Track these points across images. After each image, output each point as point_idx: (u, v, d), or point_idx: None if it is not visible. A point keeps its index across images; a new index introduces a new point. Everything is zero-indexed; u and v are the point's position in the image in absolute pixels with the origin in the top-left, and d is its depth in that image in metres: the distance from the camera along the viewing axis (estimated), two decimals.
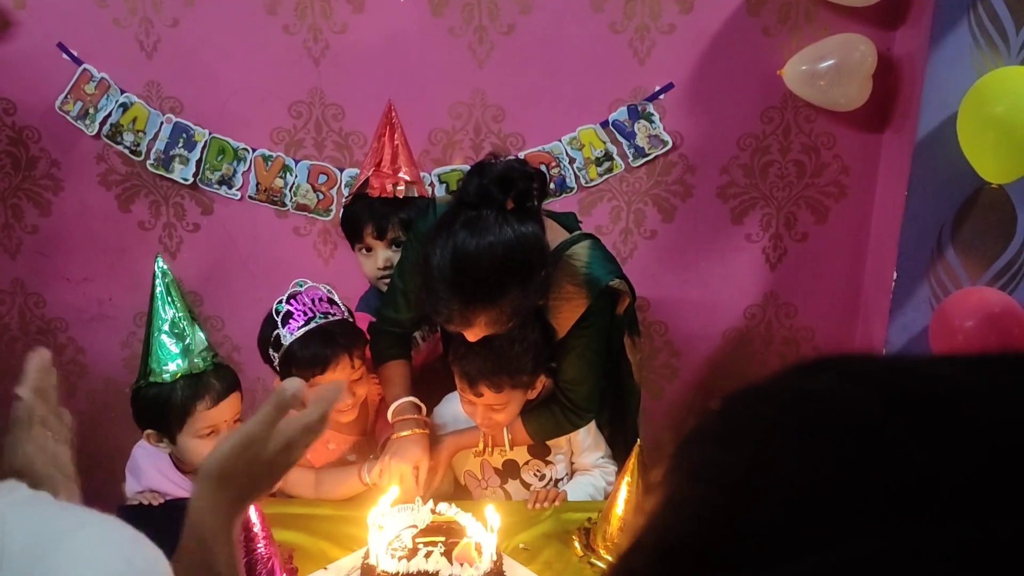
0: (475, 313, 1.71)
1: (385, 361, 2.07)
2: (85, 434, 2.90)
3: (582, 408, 1.97)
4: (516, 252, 1.68)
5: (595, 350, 1.93)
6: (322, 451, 2.08)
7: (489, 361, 1.84)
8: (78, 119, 2.55)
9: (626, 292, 1.90)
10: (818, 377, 0.40)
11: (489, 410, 1.91)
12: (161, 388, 1.83)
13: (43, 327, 2.80)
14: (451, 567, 1.65)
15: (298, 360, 1.91)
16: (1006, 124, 2.08)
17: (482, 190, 1.70)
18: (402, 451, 1.93)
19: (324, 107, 2.56)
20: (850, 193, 2.64)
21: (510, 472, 2.07)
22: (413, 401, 2.00)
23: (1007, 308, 2.19)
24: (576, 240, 1.90)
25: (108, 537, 0.80)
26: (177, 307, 1.82)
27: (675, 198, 2.65)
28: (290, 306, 1.94)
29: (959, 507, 0.31)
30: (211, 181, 2.60)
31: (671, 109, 2.56)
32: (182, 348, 1.82)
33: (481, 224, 1.67)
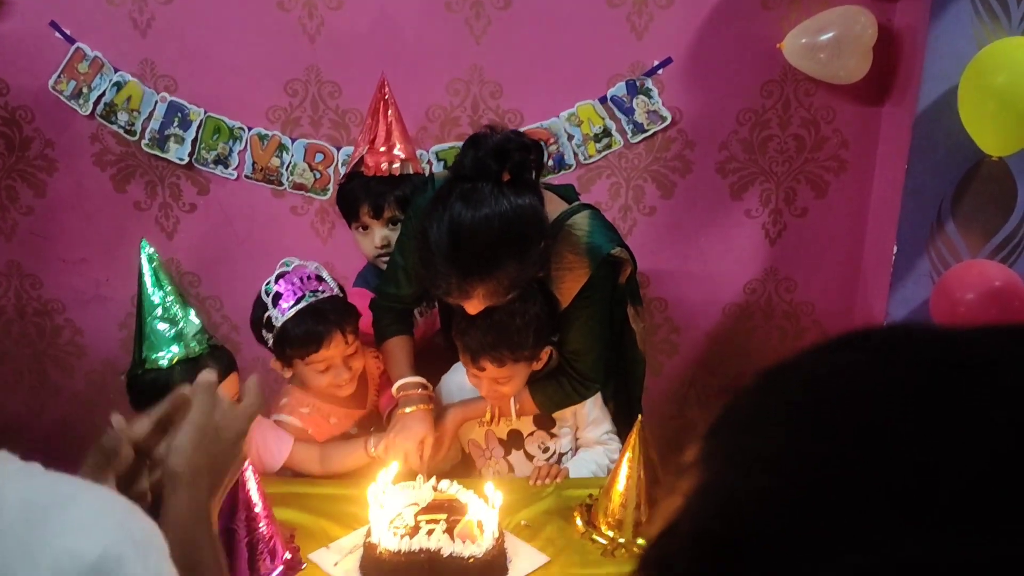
0: (473, 286, 1.71)
1: (388, 337, 2.07)
2: (84, 415, 2.92)
3: (588, 378, 1.97)
4: (513, 224, 1.68)
5: (598, 320, 1.93)
6: (324, 426, 2.09)
7: (490, 335, 1.84)
8: (72, 99, 2.53)
9: (628, 260, 1.90)
10: (848, 355, 0.39)
11: (494, 383, 1.92)
12: (159, 373, 1.82)
13: (40, 309, 2.79)
14: (453, 544, 1.65)
15: (291, 339, 1.92)
16: (1006, 96, 2.07)
17: (478, 163, 1.69)
18: (407, 427, 1.94)
19: (320, 85, 2.54)
20: (850, 167, 2.63)
21: (514, 443, 2.08)
22: (419, 380, 2.00)
23: (1008, 281, 2.19)
24: (576, 210, 1.90)
25: (104, 507, 0.79)
26: (167, 291, 1.80)
27: (674, 174, 2.63)
28: (279, 286, 1.94)
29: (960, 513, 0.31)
30: (207, 161, 2.59)
31: (670, 84, 2.54)
32: (176, 333, 1.81)
33: (477, 197, 1.67)
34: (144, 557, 0.77)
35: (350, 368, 1.98)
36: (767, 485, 0.35)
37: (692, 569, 0.36)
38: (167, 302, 1.80)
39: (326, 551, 1.75)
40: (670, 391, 2.85)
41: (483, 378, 1.92)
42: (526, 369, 1.93)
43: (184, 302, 1.83)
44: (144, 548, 0.78)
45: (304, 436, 2.05)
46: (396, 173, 2.19)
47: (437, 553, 1.64)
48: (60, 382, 2.87)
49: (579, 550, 1.76)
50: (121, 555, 0.75)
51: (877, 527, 0.32)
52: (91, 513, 0.77)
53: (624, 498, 1.77)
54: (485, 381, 1.93)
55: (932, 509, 0.31)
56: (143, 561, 0.77)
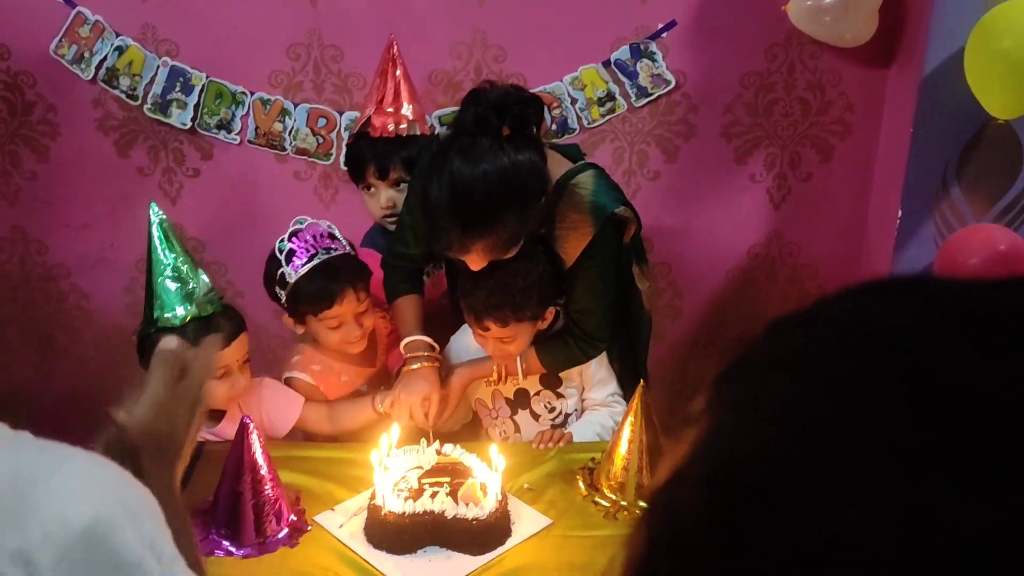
0: (472, 240, 1.72)
1: (398, 296, 2.10)
2: (92, 380, 2.94)
3: (594, 337, 1.98)
4: (512, 179, 1.69)
5: (604, 279, 1.94)
6: (335, 383, 2.12)
7: (494, 296, 1.85)
8: (73, 63, 2.52)
9: (632, 220, 1.91)
10: (859, 303, 0.39)
11: (499, 343, 1.94)
12: (170, 332, 1.83)
13: (45, 274, 2.80)
14: (456, 507, 1.67)
15: (305, 296, 1.96)
16: (1013, 58, 2.05)
17: (478, 117, 1.71)
18: (412, 384, 1.96)
19: (322, 49, 2.52)
20: (855, 131, 2.61)
21: (520, 402, 2.09)
22: (426, 339, 2.02)
23: (1013, 245, 2.18)
24: (580, 169, 1.90)
25: (96, 473, 0.79)
26: (177, 251, 1.82)
27: (678, 138, 2.62)
28: (292, 244, 1.97)
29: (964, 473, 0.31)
30: (209, 126, 2.58)
31: (674, 47, 2.52)
32: (186, 292, 1.82)
33: (477, 151, 1.69)
34: (137, 523, 0.77)
35: (361, 325, 2.02)
36: (771, 438, 0.36)
37: (697, 516, 0.36)
38: (177, 263, 1.81)
39: (331, 513, 1.77)
40: (673, 355, 2.86)
41: (488, 338, 1.94)
42: (531, 329, 1.94)
43: (194, 263, 1.85)
44: (137, 514, 0.78)
45: (315, 393, 2.08)
46: (403, 134, 2.20)
47: (441, 515, 1.66)
48: (67, 347, 2.88)
49: (581, 513, 1.78)
50: (113, 521, 0.74)
51: (880, 484, 0.32)
52: (81, 479, 0.77)
53: (626, 461, 1.78)
54: (491, 341, 1.94)
55: (937, 467, 0.31)
56: (136, 527, 0.76)
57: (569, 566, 1.64)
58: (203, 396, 1.09)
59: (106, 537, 0.74)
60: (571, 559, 1.66)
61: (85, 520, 0.73)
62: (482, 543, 1.67)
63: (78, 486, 0.76)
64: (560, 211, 1.86)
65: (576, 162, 1.94)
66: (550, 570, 1.63)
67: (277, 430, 2.03)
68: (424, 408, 1.95)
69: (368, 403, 2.02)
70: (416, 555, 1.67)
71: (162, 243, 1.81)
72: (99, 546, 0.73)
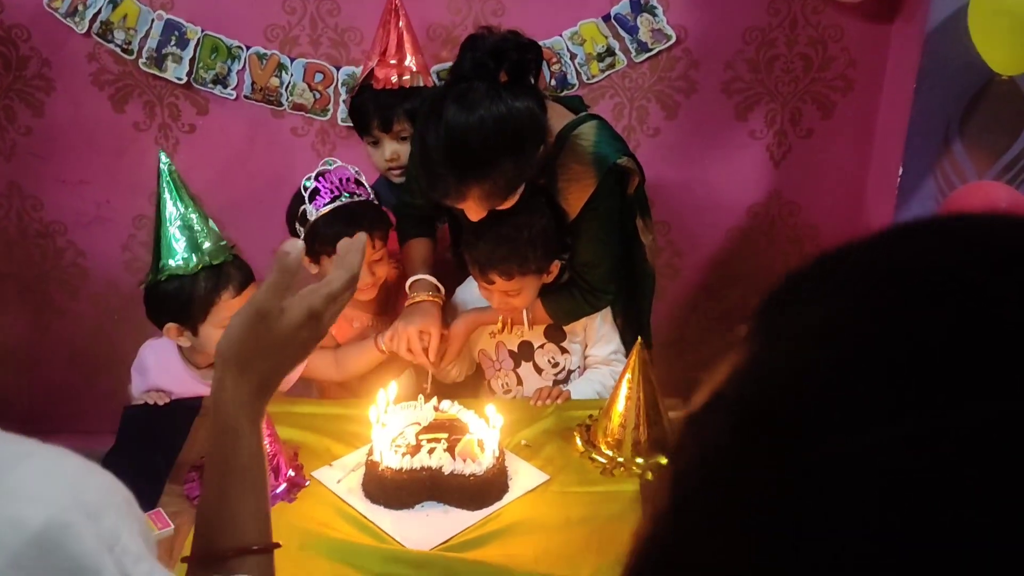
0: (468, 187, 1.72)
1: (407, 239, 2.13)
2: (89, 338, 2.94)
3: (599, 289, 1.98)
4: (508, 125, 1.68)
5: (608, 230, 1.93)
6: (347, 329, 2.14)
7: (499, 249, 1.86)
8: (67, 16, 2.48)
9: (635, 171, 1.89)
10: (916, 241, 0.39)
11: (504, 295, 1.94)
12: (182, 280, 1.84)
13: (42, 231, 2.78)
14: (454, 463, 1.68)
15: (322, 237, 1.96)
16: (1018, 14, 2.02)
17: (476, 63, 1.70)
18: (412, 316, 1.98)
19: (319, 3, 2.49)
20: (857, 87, 2.59)
21: (524, 355, 2.10)
22: (430, 279, 2.04)
23: (1014, 203, 2.17)
24: (582, 120, 1.89)
25: (52, 469, 0.73)
26: (185, 200, 1.82)
27: (679, 94, 2.60)
28: (318, 183, 1.98)
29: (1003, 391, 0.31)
30: (205, 81, 2.55)
31: (674, 2, 2.49)
32: (195, 241, 1.83)
33: (472, 96, 1.68)
34: (96, 522, 0.71)
35: (373, 274, 2.03)
36: (804, 358, 0.36)
37: (732, 439, 0.37)
38: (185, 212, 1.81)
39: (329, 469, 1.78)
40: (672, 314, 2.85)
41: (493, 291, 1.94)
42: (536, 282, 1.94)
43: (202, 212, 1.86)
44: (96, 512, 0.72)
45: (327, 339, 2.08)
46: (406, 85, 2.19)
47: (439, 471, 1.67)
48: (64, 304, 2.88)
49: (578, 469, 1.79)
50: (68, 522, 0.69)
51: (916, 401, 0.32)
52: (36, 478, 0.71)
53: (623, 418, 1.79)
54: (496, 294, 1.95)
55: (973, 384, 0.31)
56: (95, 527, 0.71)
57: (566, 522, 1.65)
58: (329, 310, 0.98)
59: (61, 541, 0.68)
60: (568, 515, 1.67)
61: (38, 523, 0.67)
62: (479, 499, 1.68)
63: (32, 486, 0.70)
64: (562, 162, 1.85)
65: (578, 113, 1.92)
66: (547, 526, 1.64)
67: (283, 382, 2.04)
68: (423, 341, 1.95)
69: (371, 344, 2.04)
70: (413, 510, 1.68)
71: (170, 192, 1.82)
72: (53, 551, 0.68)
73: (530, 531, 1.63)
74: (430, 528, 1.64)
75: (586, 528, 1.63)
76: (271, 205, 2.62)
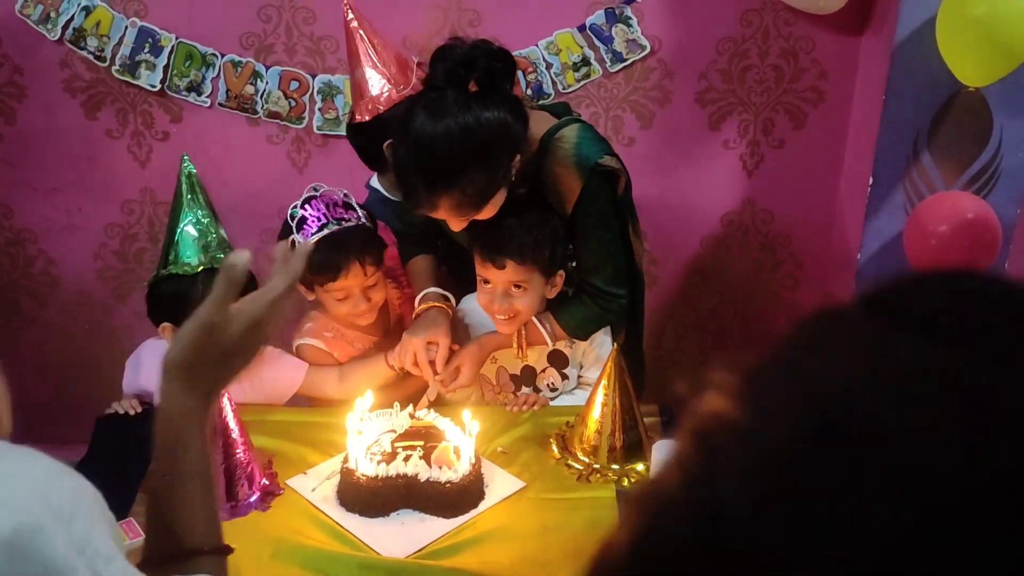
0: (437, 195, 1.72)
1: (409, 259, 2.12)
2: (60, 347, 2.90)
3: (608, 292, 1.95)
4: (475, 134, 1.67)
5: (605, 230, 1.91)
6: (348, 350, 2.12)
7: (514, 232, 1.84)
8: (39, 23, 2.47)
9: (619, 169, 1.89)
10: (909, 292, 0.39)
11: (507, 294, 1.90)
12: (181, 281, 1.84)
13: (12, 239, 2.76)
14: (430, 470, 1.68)
15: (310, 266, 1.91)
16: (985, 26, 2.06)
17: (447, 72, 1.70)
18: (419, 326, 1.97)
19: (294, 10, 2.49)
20: (828, 98, 2.62)
21: (526, 379, 2.07)
22: (439, 290, 2.03)
23: (979, 212, 2.20)
24: (564, 124, 1.88)
25: (18, 474, 0.73)
26: (201, 204, 1.84)
27: (653, 104, 2.62)
28: (304, 211, 1.95)
29: None
30: (179, 88, 2.54)
31: (649, 13, 2.51)
32: (203, 243, 1.83)
33: (441, 106, 1.68)
34: (66, 525, 0.71)
35: (369, 299, 2.00)
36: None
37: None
38: (201, 214, 1.83)
39: (304, 477, 1.77)
40: (648, 322, 2.84)
41: (498, 286, 1.89)
42: (541, 284, 1.91)
43: (216, 217, 1.87)
44: (66, 515, 0.72)
45: (328, 359, 2.08)
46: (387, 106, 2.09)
47: (414, 478, 1.67)
48: (34, 313, 2.85)
49: (555, 476, 1.79)
50: (38, 526, 0.69)
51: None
52: (4, 481, 0.71)
53: (599, 425, 1.79)
54: (499, 291, 1.89)
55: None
56: (65, 530, 0.71)
57: (543, 528, 1.65)
58: (267, 314, 1.00)
59: (30, 545, 0.69)
60: (544, 521, 1.67)
61: (7, 528, 0.68)
62: (455, 506, 1.67)
63: (2, 488, 0.71)
64: (546, 167, 1.85)
65: (562, 118, 1.92)
66: (523, 533, 1.64)
67: (279, 396, 2.03)
68: (431, 353, 1.93)
69: (380, 359, 2.01)
70: (389, 518, 1.67)
71: (190, 193, 1.83)
72: (24, 556, 0.69)
73: (506, 538, 1.63)
74: (405, 536, 1.63)
75: (562, 535, 1.63)
76: (246, 213, 2.62)
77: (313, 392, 2.05)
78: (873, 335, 0.38)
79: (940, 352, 0.35)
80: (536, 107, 1.92)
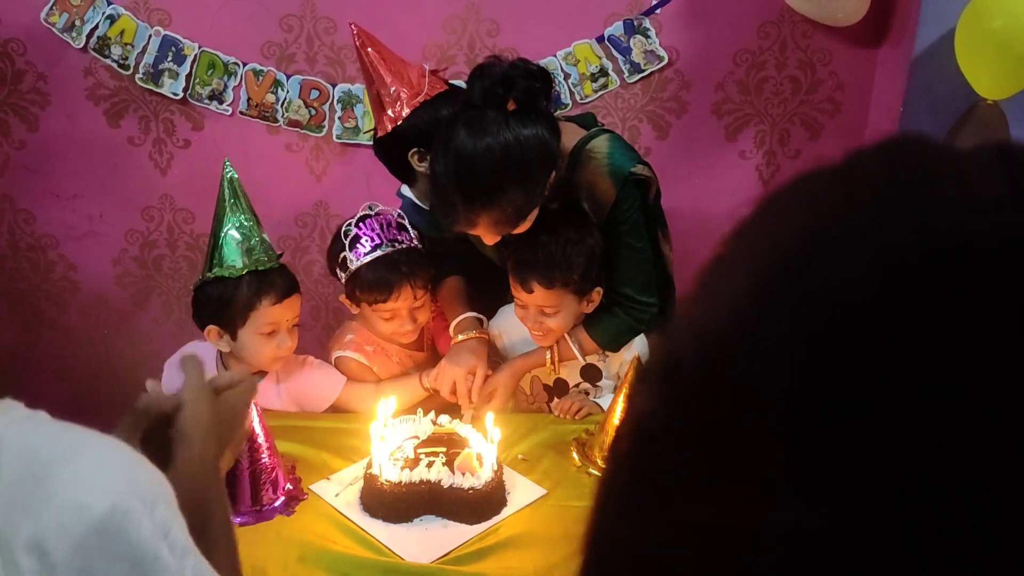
0: (477, 213, 1.73)
1: (440, 280, 2.11)
2: (78, 351, 2.92)
3: (641, 301, 1.96)
4: (515, 153, 1.69)
5: (637, 237, 1.93)
6: (387, 364, 2.13)
7: (542, 253, 1.84)
8: (64, 31, 2.50)
9: (651, 177, 1.90)
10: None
11: (540, 313, 1.92)
12: (226, 284, 1.86)
13: (33, 244, 2.78)
14: (452, 476, 1.69)
15: (362, 285, 1.96)
16: (1004, 38, 2.07)
17: (485, 91, 1.71)
18: (458, 356, 1.98)
19: (316, 20, 2.51)
20: (844, 110, 2.63)
21: (558, 391, 2.09)
22: (475, 316, 2.05)
23: None
24: (594, 135, 1.90)
25: (110, 459, 0.77)
26: (243, 208, 1.86)
27: (670, 115, 2.63)
28: (358, 230, 1.96)
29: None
30: (201, 96, 2.57)
31: (667, 24, 2.53)
32: (247, 247, 1.85)
33: (481, 124, 1.69)
34: (151, 511, 0.75)
35: (415, 320, 2.02)
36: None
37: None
38: (243, 217, 1.85)
39: (327, 482, 1.79)
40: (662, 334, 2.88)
41: (530, 306, 1.92)
42: (575, 304, 1.92)
43: (257, 221, 1.88)
44: (151, 501, 0.76)
45: (367, 373, 2.09)
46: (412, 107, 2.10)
47: (437, 484, 1.68)
48: (54, 317, 2.87)
49: (575, 483, 1.80)
50: (129, 509, 0.73)
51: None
52: (97, 466, 0.75)
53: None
54: (532, 311, 1.92)
55: None
56: (150, 515, 0.75)
57: (564, 536, 1.66)
58: (248, 405, 1.16)
59: (122, 528, 0.72)
60: (566, 529, 1.67)
61: (101, 511, 0.71)
62: (478, 513, 1.68)
63: (94, 474, 0.74)
64: (579, 178, 1.86)
65: (590, 129, 1.94)
66: (545, 540, 1.65)
67: (315, 405, 2.04)
68: (468, 382, 1.96)
69: (416, 380, 2.03)
70: (412, 524, 1.68)
71: (231, 198, 1.85)
72: (115, 537, 0.72)
73: (529, 545, 1.64)
74: (429, 541, 1.64)
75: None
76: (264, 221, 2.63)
77: (348, 406, 2.05)
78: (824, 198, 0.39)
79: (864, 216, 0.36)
80: (563, 119, 1.94)
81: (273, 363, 1.96)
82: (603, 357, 2.06)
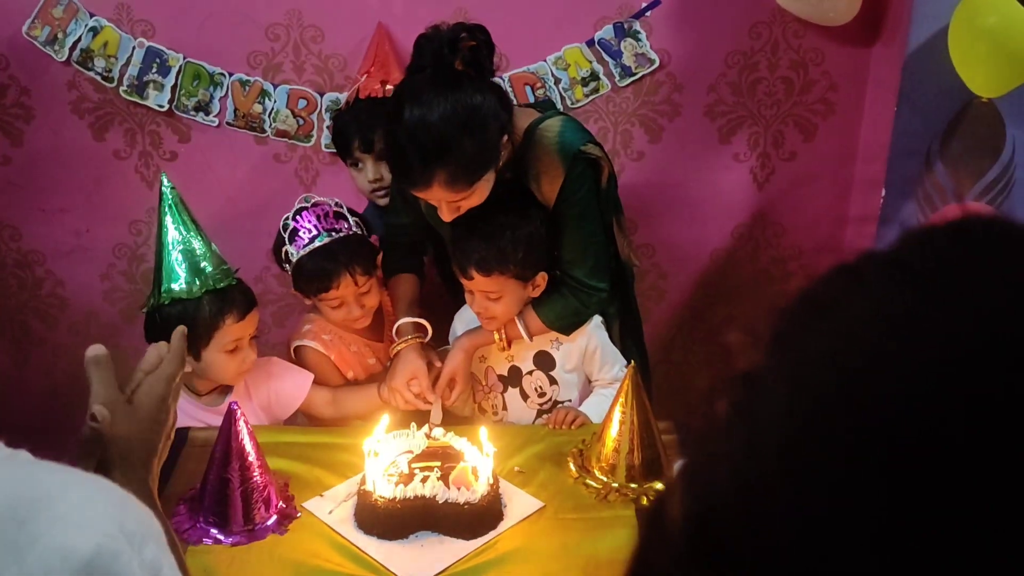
0: (432, 171, 1.74)
1: (392, 275, 2.15)
2: (67, 367, 2.89)
3: (588, 285, 1.98)
4: (464, 103, 1.73)
5: (587, 221, 1.94)
6: (346, 354, 2.15)
7: (481, 242, 1.87)
8: (47, 45, 2.46)
9: (602, 158, 1.91)
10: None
11: (485, 299, 1.94)
12: (186, 305, 1.83)
13: (20, 260, 2.75)
14: (448, 491, 1.66)
15: (303, 276, 2.01)
16: (997, 36, 2.05)
17: (432, 53, 1.76)
18: (397, 367, 2.01)
19: (303, 29, 2.48)
20: (838, 110, 2.61)
21: (512, 380, 2.10)
22: (413, 320, 2.06)
23: None
24: (547, 117, 1.93)
25: (96, 498, 0.75)
26: (187, 224, 1.82)
27: (662, 118, 2.61)
28: (296, 223, 2.00)
29: None
30: (187, 108, 2.53)
31: (658, 26, 2.50)
32: (198, 266, 1.83)
33: (430, 84, 1.74)
34: (139, 550, 0.73)
35: (363, 306, 2.05)
36: None
37: None
38: (187, 236, 1.81)
39: (320, 499, 1.76)
40: (657, 336, 2.85)
41: (475, 292, 1.94)
42: (518, 289, 1.94)
43: (204, 237, 1.84)
44: (139, 540, 0.74)
45: (326, 363, 2.11)
46: (388, 95, 2.18)
47: (432, 500, 1.65)
48: (43, 334, 2.83)
49: (572, 495, 1.77)
50: (116, 551, 0.71)
51: None
52: (82, 507, 0.73)
53: (617, 443, 1.78)
54: (477, 296, 1.95)
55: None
56: (139, 555, 0.73)
57: (563, 548, 1.64)
58: (168, 391, 1.12)
59: (110, 570, 0.70)
60: (564, 541, 1.65)
61: (87, 553, 0.69)
62: (474, 527, 1.66)
63: (80, 515, 0.71)
64: (530, 157, 1.88)
65: (546, 112, 1.97)
66: (544, 553, 1.63)
67: (284, 408, 2.05)
68: (413, 389, 1.98)
69: (373, 390, 2.05)
70: (407, 540, 1.66)
71: (172, 216, 1.82)
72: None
73: (527, 559, 1.61)
74: (425, 558, 1.62)
75: (583, 554, 1.61)
76: (253, 232, 2.60)
77: (307, 410, 2.09)
78: (877, 292, 0.40)
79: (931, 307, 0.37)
80: (521, 105, 1.98)
81: (237, 378, 1.97)
82: (556, 344, 2.06)
